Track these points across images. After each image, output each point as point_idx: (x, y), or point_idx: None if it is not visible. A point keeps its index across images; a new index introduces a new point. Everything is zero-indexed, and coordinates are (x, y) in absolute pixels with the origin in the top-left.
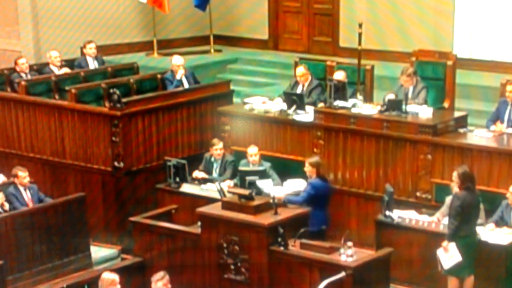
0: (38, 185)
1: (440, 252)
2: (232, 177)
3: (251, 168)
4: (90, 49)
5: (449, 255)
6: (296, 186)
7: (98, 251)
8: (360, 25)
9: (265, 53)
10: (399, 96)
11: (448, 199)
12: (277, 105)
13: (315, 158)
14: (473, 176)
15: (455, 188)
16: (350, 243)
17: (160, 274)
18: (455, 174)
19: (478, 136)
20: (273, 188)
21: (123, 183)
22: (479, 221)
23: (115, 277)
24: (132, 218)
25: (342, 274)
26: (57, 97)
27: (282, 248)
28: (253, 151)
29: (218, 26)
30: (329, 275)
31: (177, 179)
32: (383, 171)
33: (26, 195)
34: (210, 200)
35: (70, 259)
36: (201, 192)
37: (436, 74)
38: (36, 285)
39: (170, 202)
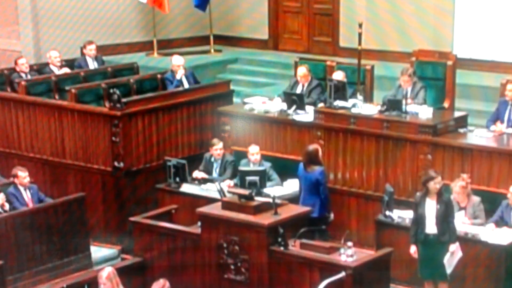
0: (38, 185)
1: (447, 259)
2: (232, 177)
3: (251, 168)
4: (90, 51)
5: (454, 257)
6: (296, 186)
7: (98, 251)
8: (360, 25)
9: (265, 53)
10: (398, 96)
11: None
12: (276, 105)
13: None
14: None
15: (456, 188)
16: (350, 243)
17: (160, 282)
18: (439, 179)
19: (478, 136)
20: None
21: (123, 183)
22: (479, 221)
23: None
24: (132, 218)
25: (342, 274)
26: (57, 97)
27: (282, 248)
28: (254, 150)
29: (218, 26)
30: (329, 275)
31: (177, 179)
32: (383, 171)
33: (26, 195)
34: (210, 200)
35: (70, 259)
36: (201, 192)
37: (436, 74)
38: (36, 285)
39: (170, 202)
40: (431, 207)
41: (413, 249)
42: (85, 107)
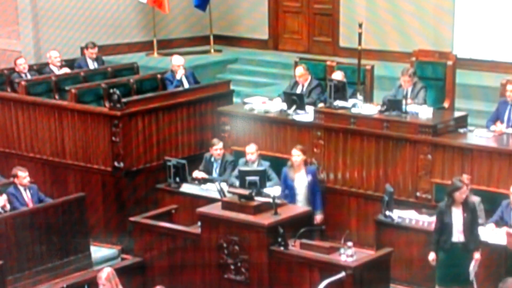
0: (38, 185)
1: (472, 266)
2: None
3: (251, 168)
4: (92, 54)
5: (477, 263)
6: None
7: (98, 251)
8: (360, 25)
9: (265, 53)
10: (398, 96)
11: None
12: (276, 105)
13: (300, 145)
14: None
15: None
16: (350, 243)
17: None
18: (465, 188)
19: (478, 136)
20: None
21: (123, 183)
22: (479, 221)
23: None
24: (132, 218)
25: (342, 274)
26: (57, 97)
27: (282, 248)
28: (250, 150)
29: (218, 26)
30: (329, 275)
31: (177, 179)
32: (383, 171)
33: (26, 195)
34: (210, 200)
35: (70, 259)
36: (201, 192)
37: (436, 74)
38: (36, 285)
39: (170, 202)
40: (457, 216)
41: (432, 256)
42: (85, 107)
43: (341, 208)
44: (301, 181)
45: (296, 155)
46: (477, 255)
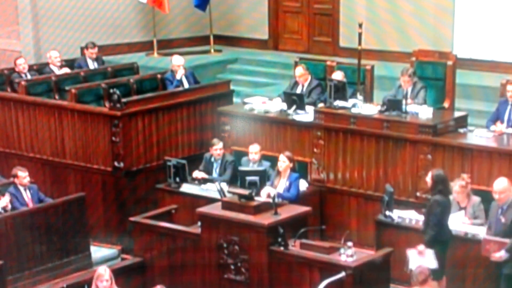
0: (38, 185)
1: (411, 253)
2: (232, 177)
3: (251, 168)
4: (92, 54)
5: (422, 260)
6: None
7: (98, 251)
8: (360, 25)
9: (265, 53)
10: (398, 96)
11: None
12: (276, 105)
13: (289, 152)
14: (446, 179)
15: (456, 188)
16: (350, 243)
17: None
18: (428, 174)
19: (478, 136)
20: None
21: (123, 183)
22: (479, 221)
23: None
24: (132, 218)
25: (342, 274)
26: (57, 97)
27: (282, 248)
28: (254, 149)
29: (218, 26)
30: (329, 275)
31: (177, 179)
32: (383, 171)
33: (26, 195)
34: (210, 200)
35: (70, 259)
36: (201, 192)
37: (436, 74)
38: (36, 285)
39: (170, 202)
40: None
41: None
42: (85, 107)
43: (341, 208)
44: (281, 187)
45: (282, 161)
46: (420, 247)
